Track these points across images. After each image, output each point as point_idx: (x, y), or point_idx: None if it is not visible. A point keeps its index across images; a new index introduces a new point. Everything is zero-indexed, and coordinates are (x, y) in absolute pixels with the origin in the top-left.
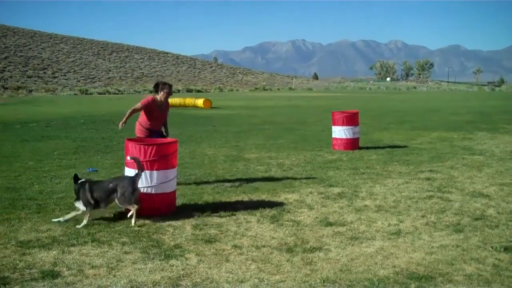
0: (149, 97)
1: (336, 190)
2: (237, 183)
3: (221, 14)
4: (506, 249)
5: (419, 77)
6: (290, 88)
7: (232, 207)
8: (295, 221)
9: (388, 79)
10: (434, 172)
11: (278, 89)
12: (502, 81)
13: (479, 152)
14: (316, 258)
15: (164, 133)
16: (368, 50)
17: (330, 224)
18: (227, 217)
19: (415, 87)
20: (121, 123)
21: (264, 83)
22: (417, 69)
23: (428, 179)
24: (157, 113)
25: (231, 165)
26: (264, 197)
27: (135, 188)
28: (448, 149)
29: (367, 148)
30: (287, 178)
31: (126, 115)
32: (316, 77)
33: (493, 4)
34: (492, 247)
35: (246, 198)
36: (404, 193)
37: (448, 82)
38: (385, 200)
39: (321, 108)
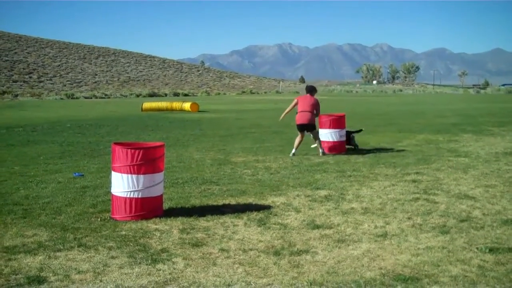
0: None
1: (323, 193)
2: (224, 187)
3: (208, 17)
4: (491, 250)
5: (405, 80)
6: (277, 92)
7: (219, 211)
8: (282, 224)
9: (374, 82)
10: (420, 174)
11: (265, 93)
12: (486, 84)
13: (464, 154)
14: (303, 261)
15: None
16: (354, 54)
17: (317, 227)
18: (214, 221)
19: (401, 90)
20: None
21: (251, 86)
22: (403, 72)
23: (414, 181)
24: None
25: (218, 168)
26: (251, 200)
27: None
28: (434, 151)
29: (354, 150)
30: (274, 181)
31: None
32: (303, 80)
33: (478, 7)
34: (477, 248)
35: (233, 202)
36: (390, 196)
37: (433, 85)
38: (371, 202)
39: None
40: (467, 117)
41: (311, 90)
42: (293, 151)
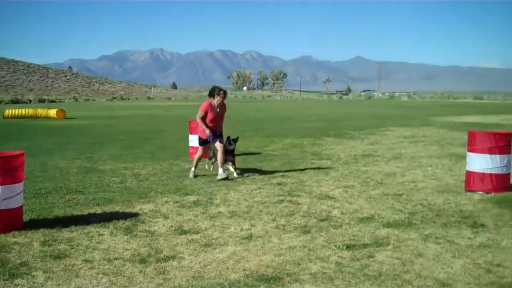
0: (207, 101)
1: (192, 198)
2: (90, 196)
3: (76, 20)
4: (348, 247)
5: (274, 86)
6: (149, 98)
7: (84, 221)
8: (149, 231)
9: (244, 88)
10: (285, 177)
11: (137, 99)
12: (349, 90)
13: (326, 157)
14: (170, 267)
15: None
16: (225, 60)
17: (184, 232)
18: (79, 231)
19: (270, 96)
20: (208, 132)
21: (122, 92)
22: (272, 78)
23: (279, 184)
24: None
25: (85, 177)
26: (118, 208)
27: None
28: (299, 154)
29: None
30: (143, 188)
31: (204, 125)
32: (175, 86)
33: (340, 18)
34: (335, 245)
35: (99, 211)
36: (256, 198)
37: (300, 91)
38: (238, 206)
39: (179, 117)
40: (330, 121)
41: (211, 92)
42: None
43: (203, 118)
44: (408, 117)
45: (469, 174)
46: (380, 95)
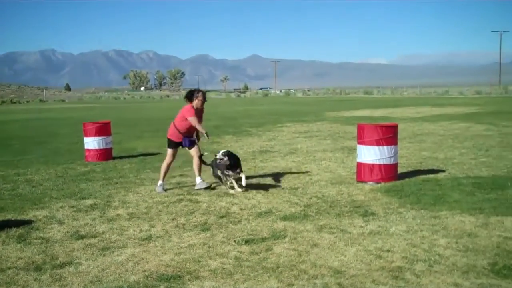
0: (189, 106)
1: (89, 202)
2: None
3: None
4: (247, 241)
5: (172, 86)
6: (41, 100)
7: None
8: (44, 238)
9: (142, 88)
10: (184, 176)
11: (28, 102)
12: (246, 88)
13: None
14: (66, 273)
15: (195, 137)
16: (121, 60)
17: (81, 237)
18: None
19: (168, 96)
20: (209, 137)
21: (12, 95)
22: (169, 78)
23: (178, 183)
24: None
25: None
26: (10, 216)
27: None
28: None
29: (121, 157)
30: (37, 194)
31: (201, 129)
32: (68, 88)
33: (235, 15)
34: (235, 241)
35: None
36: (156, 199)
37: None
38: (137, 207)
39: (74, 119)
40: (229, 119)
41: (189, 96)
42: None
43: (196, 122)
44: (303, 113)
45: (359, 165)
46: (277, 92)
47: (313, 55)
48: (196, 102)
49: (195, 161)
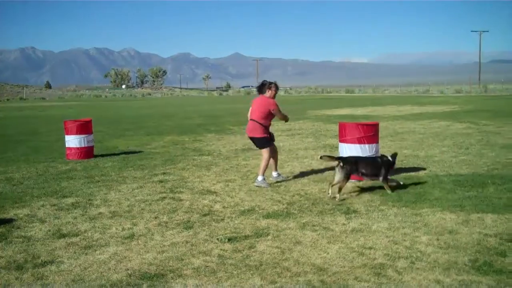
0: (267, 99)
1: (70, 200)
2: None
3: None
4: (230, 239)
5: (154, 84)
6: (21, 98)
7: None
8: (25, 236)
9: (123, 86)
10: (167, 175)
11: (8, 100)
12: (228, 86)
13: (207, 153)
14: (48, 272)
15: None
16: (102, 58)
17: (63, 235)
18: None
19: (150, 94)
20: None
21: None
22: (151, 76)
23: (161, 181)
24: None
25: None
26: None
27: None
28: (180, 151)
29: (103, 156)
30: (17, 192)
31: (285, 116)
32: (49, 86)
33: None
34: (218, 239)
35: None
36: (138, 197)
37: (181, 88)
38: (119, 205)
39: (55, 117)
40: (211, 117)
41: (261, 88)
42: (274, 174)
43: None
44: (285, 111)
45: None
46: None
47: (295, 53)
48: (269, 93)
49: (269, 158)
